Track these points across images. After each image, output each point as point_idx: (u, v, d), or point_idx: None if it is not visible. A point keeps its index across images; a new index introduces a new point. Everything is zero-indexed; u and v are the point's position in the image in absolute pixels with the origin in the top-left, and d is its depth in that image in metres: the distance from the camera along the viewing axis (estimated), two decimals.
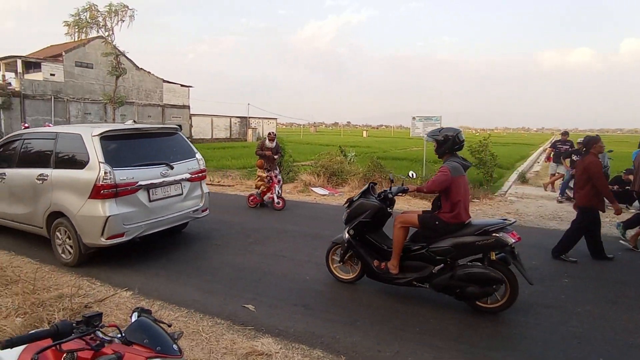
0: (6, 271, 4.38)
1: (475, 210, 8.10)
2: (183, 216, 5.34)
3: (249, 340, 3.10)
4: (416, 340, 3.17)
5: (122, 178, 4.55)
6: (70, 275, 4.41)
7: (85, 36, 24.12)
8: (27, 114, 25.44)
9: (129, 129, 5.18)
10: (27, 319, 3.24)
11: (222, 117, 40.78)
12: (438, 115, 11.05)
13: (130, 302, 3.73)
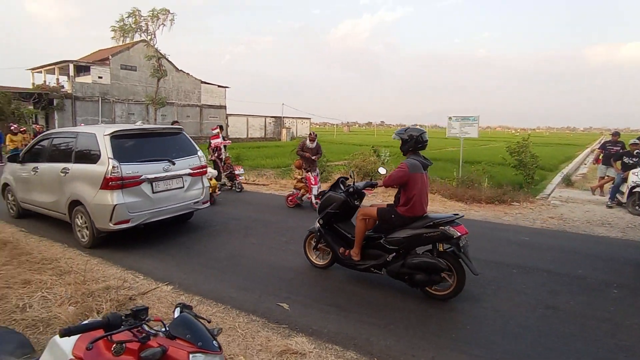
0: (60, 262, 4.72)
1: (515, 214, 7.79)
2: (184, 207, 5.90)
3: (283, 338, 3.15)
4: (452, 347, 3.09)
5: (128, 172, 5.16)
6: (116, 268, 4.66)
7: (130, 40, 25.41)
8: (78, 114, 27.13)
9: (136, 129, 5.81)
10: (78, 308, 3.46)
11: (257, 117, 41.59)
12: (476, 115, 10.69)
13: (170, 295, 3.89)
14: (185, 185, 5.85)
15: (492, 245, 5.72)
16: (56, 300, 3.67)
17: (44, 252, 5.12)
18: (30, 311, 3.47)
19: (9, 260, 4.73)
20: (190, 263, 4.88)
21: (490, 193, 9.00)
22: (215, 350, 1.56)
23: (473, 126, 10.58)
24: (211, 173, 8.48)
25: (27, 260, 4.75)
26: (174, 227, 6.50)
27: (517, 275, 4.55)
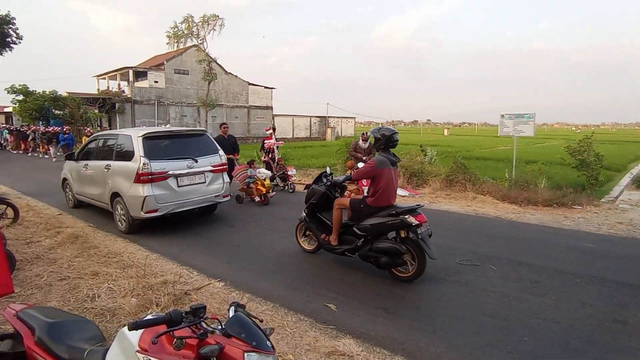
0: (123, 256, 5.08)
1: (577, 219, 7.24)
2: (206, 200, 6.61)
3: (331, 339, 3.17)
4: (507, 359, 2.93)
5: (157, 168, 5.94)
6: (173, 263, 4.94)
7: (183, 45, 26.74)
8: (136, 116, 29.04)
9: (164, 131, 6.58)
10: (139, 300, 3.70)
11: (302, 117, 42.09)
12: (531, 113, 10.04)
13: (222, 292, 4.05)
14: (207, 181, 6.55)
15: (551, 251, 5.36)
16: (120, 291, 3.96)
17: (109, 246, 5.54)
18: (99, 301, 3.77)
19: (80, 252, 5.18)
20: (240, 261, 5.05)
21: (547, 195, 8.43)
22: (268, 350, 1.61)
23: (528, 124, 9.96)
24: (265, 174, 8.64)
25: (95, 253, 5.16)
26: (226, 227, 6.76)
27: (581, 285, 4.23)
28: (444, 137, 49.81)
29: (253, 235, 6.16)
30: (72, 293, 3.97)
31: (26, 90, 23.20)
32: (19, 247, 5.32)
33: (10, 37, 25.32)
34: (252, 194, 8.50)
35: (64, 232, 6.03)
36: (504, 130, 10.37)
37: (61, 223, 6.70)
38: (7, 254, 3.62)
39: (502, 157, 18.65)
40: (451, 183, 9.88)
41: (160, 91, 30.39)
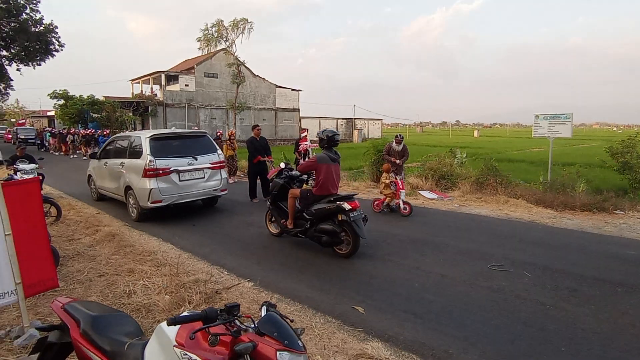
0: (157, 255, 5.27)
1: (619, 225, 6.87)
2: (205, 193, 7.56)
3: (359, 342, 3.17)
4: None
5: (161, 164, 6.88)
6: (204, 263, 5.08)
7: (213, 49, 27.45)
8: (168, 119, 30.01)
9: (169, 132, 7.61)
10: (173, 297, 3.84)
11: (329, 119, 42.16)
12: (568, 113, 9.63)
13: (252, 292, 4.13)
14: (205, 176, 7.50)
15: (590, 259, 5.13)
16: (155, 288, 4.11)
17: (144, 245, 5.77)
18: (135, 297, 3.93)
19: (117, 250, 5.42)
20: (269, 262, 5.13)
21: (586, 199, 8.05)
22: (300, 350, 1.64)
23: (565, 125, 9.56)
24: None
25: (131, 251, 5.38)
26: (256, 229, 6.88)
27: (622, 295, 4.02)
28: (474, 139, 48.54)
29: (281, 238, 6.23)
30: (110, 289, 4.16)
31: (66, 95, 24.53)
32: (62, 244, 5.63)
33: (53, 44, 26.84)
34: None
35: (102, 231, 6.33)
36: (539, 132, 10.00)
37: (99, 222, 7.03)
38: (52, 251, 3.85)
39: (535, 160, 17.97)
40: (482, 186, 9.62)
41: (191, 94, 31.28)
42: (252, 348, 1.56)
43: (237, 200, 9.22)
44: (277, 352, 1.59)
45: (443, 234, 6.34)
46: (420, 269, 4.79)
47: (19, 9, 24.63)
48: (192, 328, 1.66)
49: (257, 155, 8.87)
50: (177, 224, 7.11)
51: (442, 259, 5.13)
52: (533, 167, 14.94)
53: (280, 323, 1.70)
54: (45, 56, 27.00)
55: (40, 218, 3.45)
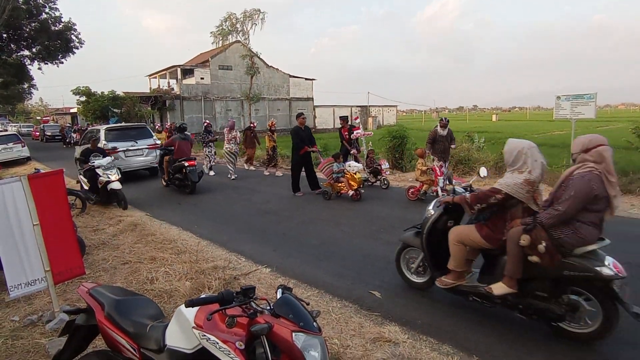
0: (177, 243, 5.39)
1: None
2: (144, 164, 11.41)
3: (376, 325, 3.18)
4: (567, 354, 2.78)
5: (113, 146, 10.48)
6: (222, 250, 5.17)
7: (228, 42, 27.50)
8: (185, 112, 30.38)
9: (118, 125, 11.99)
10: (193, 283, 3.93)
11: (343, 107, 41.85)
12: (592, 93, 9.25)
13: (269, 277, 4.19)
14: (144, 154, 11.34)
15: (617, 242, 4.94)
16: (176, 275, 4.22)
17: (164, 233, 5.90)
18: (157, 283, 4.04)
19: (139, 239, 5.57)
20: (286, 248, 5.18)
21: None
22: (315, 331, 1.65)
23: (589, 105, 9.19)
24: (356, 167, 7.85)
25: (152, 240, 5.52)
26: (272, 217, 6.94)
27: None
28: (493, 123, 47.34)
29: (298, 224, 6.26)
30: (133, 276, 4.29)
31: (88, 92, 25.05)
32: (87, 234, 5.82)
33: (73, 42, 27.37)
34: (340, 189, 7.91)
35: (124, 221, 6.51)
36: (561, 113, 9.65)
37: (121, 212, 7.23)
38: (78, 240, 3.99)
39: (557, 143, 17.42)
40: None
41: (206, 87, 31.52)
42: (268, 329, 1.58)
43: (259, 190, 9.31)
44: (293, 333, 1.60)
45: None
46: None
47: (39, 9, 25.12)
48: (210, 310, 1.69)
49: (303, 146, 8.30)
50: (196, 213, 7.25)
51: None
52: (555, 151, 14.47)
53: (296, 305, 1.72)
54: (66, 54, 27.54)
55: (66, 209, 3.56)
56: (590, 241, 2.71)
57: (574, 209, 2.65)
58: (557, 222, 2.69)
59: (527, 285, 2.89)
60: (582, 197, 2.63)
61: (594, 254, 2.75)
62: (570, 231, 2.68)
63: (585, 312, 2.78)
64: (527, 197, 2.85)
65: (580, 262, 2.70)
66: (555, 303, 2.82)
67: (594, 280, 2.69)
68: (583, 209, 2.67)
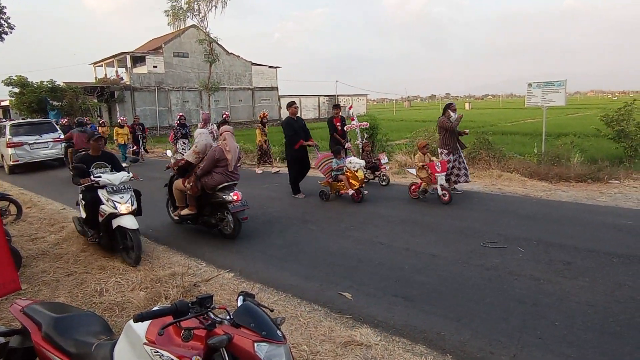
0: None
1: (614, 194, 7.06)
2: (49, 156, 13.44)
3: (347, 329, 3.21)
4: (537, 344, 2.92)
5: (17, 140, 12.92)
6: (180, 255, 5.05)
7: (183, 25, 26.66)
8: (137, 105, 29.31)
9: (24, 121, 15.28)
10: (148, 293, 3.82)
11: (310, 97, 41.84)
12: (562, 80, 9.75)
13: (232, 283, 4.13)
14: (49, 146, 13.47)
15: (584, 230, 5.27)
16: (128, 285, 4.09)
17: None
18: (107, 295, 3.90)
19: (86, 247, 5.32)
20: (250, 251, 5.12)
21: (581, 170, 8.24)
22: (279, 340, 1.63)
23: (559, 92, 9.67)
24: (357, 164, 7.29)
25: (101, 247, 5.29)
26: None
27: (618, 266, 4.15)
28: (466, 112, 48.90)
29: (261, 224, 6.21)
30: (79, 288, 4.11)
31: (23, 82, 23.60)
32: (24, 244, 5.50)
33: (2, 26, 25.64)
34: (340, 188, 7.43)
35: (68, 227, 6.20)
36: (532, 101, 10.10)
37: (65, 218, 6.89)
38: (12, 251, 3.76)
39: (529, 131, 18.26)
40: (474, 161, 9.74)
41: (160, 76, 30.53)
42: (227, 341, 1.55)
43: None
44: (255, 343, 1.58)
45: (434, 212, 6.42)
46: (410, 250, 4.85)
47: None
48: (163, 323, 1.63)
49: (297, 140, 7.69)
50: (151, 216, 7.01)
51: (434, 239, 5.20)
52: (527, 139, 15.18)
53: (258, 313, 1.69)
54: None
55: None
56: (220, 182, 5.38)
57: (208, 167, 5.38)
58: (202, 174, 5.39)
59: (200, 209, 5.64)
60: (211, 161, 5.36)
61: (227, 188, 5.40)
62: (208, 177, 5.38)
63: (229, 223, 5.45)
64: (196, 160, 5.70)
65: (218, 194, 5.38)
66: (214, 218, 5.59)
67: (224, 203, 5.30)
68: (214, 167, 5.37)
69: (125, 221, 4.66)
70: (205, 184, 5.37)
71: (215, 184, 5.34)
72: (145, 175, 10.50)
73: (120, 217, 4.69)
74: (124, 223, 4.64)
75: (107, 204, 4.75)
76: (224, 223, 5.48)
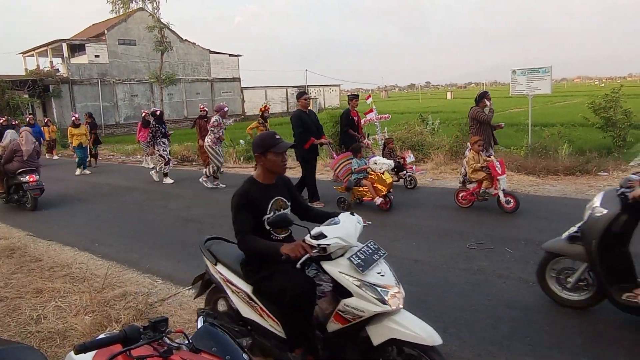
0: (72, 268, 5.06)
1: (603, 187, 7.40)
2: None
3: None
4: (530, 353, 3.03)
5: None
6: (132, 272, 4.93)
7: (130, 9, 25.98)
8: (77, 100, 28.36)
9: None
10: (95, 317, 3.70)
11: (277, 89, 41.74)
12: (547, 66, 10.14)
13: (193, 301, 4.05)
14: None
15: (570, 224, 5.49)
16: (71, 309, 3.94)
17: (54, 257, 5.50)
18: (45, 322, 3.74)
19: (19, 267, 5.12)
20: None
21: (569, 162, 8.61)
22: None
23: (544, 80, 10.05)
24: (384, 164, 6.73)
25: (38, 267, 5.12)
26: (195, 226, 6.74)
27: None
28: (447, 102, 50.14)
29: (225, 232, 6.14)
30: (11, 316, 3.94)
31: None
32: None
33: None
34: (362, 195, 6.91)
35: None
36: (517, 89, 10.44)
37: None
38: None
39: (515, 121, 18.85)
40: (457, 155, 9.99)
41: (104, 67, 29.66)
42: None
43: (178, 194, 8.98)
44: None
45: (416, 213, 6.54)
46: (391, 255, 4.83)
47: None
48: (110, 353, 1.59)
49: (308, 138, 7.08)
50: (97, 227, 6.84)
51: (416, 242, 5.30)
52: (513, 130, 15.68)
53: (219, 335, 1.67)
54: None
55: None
56: (19, 168, 8.00)
57: (7, 156, 8.15)
58: (4, 162, 8.19)
59: (9, 189, 8.60)
60: (9, 152, 8.09)
61: (25, 173, 8.04)
62: (9, 165, 8.13)
63: (28, 199, 8.29)
64: (1, 153, 8.67)
65: (17, 177, 8.09)
66: (17, 195, 8.52)
67: (21, 183, 8.20)
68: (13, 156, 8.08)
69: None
70: (7, 169, 8.18)
71: (15, 169, 8.05)
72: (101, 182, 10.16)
73: None
74: None
75: None
76: (25, 199, 8.20)
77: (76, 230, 6.77)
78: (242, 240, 2.66)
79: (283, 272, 2.58)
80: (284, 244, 2.54)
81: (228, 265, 3.03)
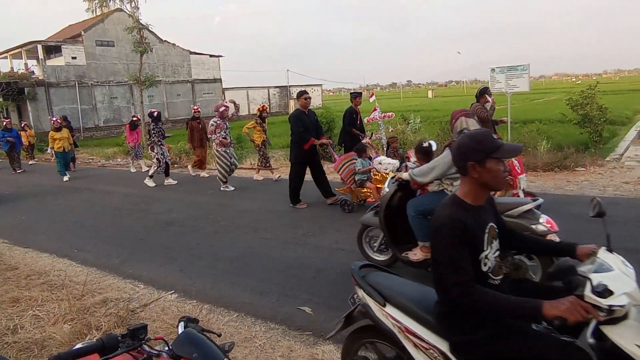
0: (50, 275, 4.94)
1: (580, 182, 7.59)
2: None
3: (308, 347, 3.22)
4: None
5: None
6: (113, 277, 4.85)
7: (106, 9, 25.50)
8: (54, 103, 27.73)
9: None
10: (74, 326, 3.62)
11: (259, 89, 41.58)
12: (525, 64, 10.31)
13: (175, 305, 4.02)
14: None
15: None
16: (49, 318, 3.85)
17: (30, 265, 5.37)
18: (22, 332, 3.65)
19: None
20: (195, 266, 5.02)
21: (548, 158, 8.79)
22: None
23: (522, 77, 10.22)
24: (389, 164, 6.41)
25: (14, 275, 4.99)
26: (177, 229, 6.68)
27: None
28: (429, 100, 50.71)
29: (207, 235, 6.10)
30: None
31: None
32: None
33: None
34: (365, 197, 6.85)
35: None
36: (496, 87, 10.60)
37: None
38: None
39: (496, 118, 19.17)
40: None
41: (81, 69, 29.07)
42: None
43: (160, 197, 8.87)
44: None
45: None
46: None
47: None
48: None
49: (308, 138, 7.00)
50: (76, 233, 6.71)
51: None
52: None
53: (201, 341, 1.65)
54: None
55: None
56: None
57: None
58: None
59: None
60: None
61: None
62: None
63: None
64: None
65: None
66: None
67: None
68: None
69: None
70: None
71: None
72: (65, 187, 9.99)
73: None
74: None
75: None
76: None
77: (54, 237, 6.62)
78: (467, 294, 1.78)
79: (527, 336, 1.80)
80: (545, 302, 1.68)
81: (408, 309, 2.17)
